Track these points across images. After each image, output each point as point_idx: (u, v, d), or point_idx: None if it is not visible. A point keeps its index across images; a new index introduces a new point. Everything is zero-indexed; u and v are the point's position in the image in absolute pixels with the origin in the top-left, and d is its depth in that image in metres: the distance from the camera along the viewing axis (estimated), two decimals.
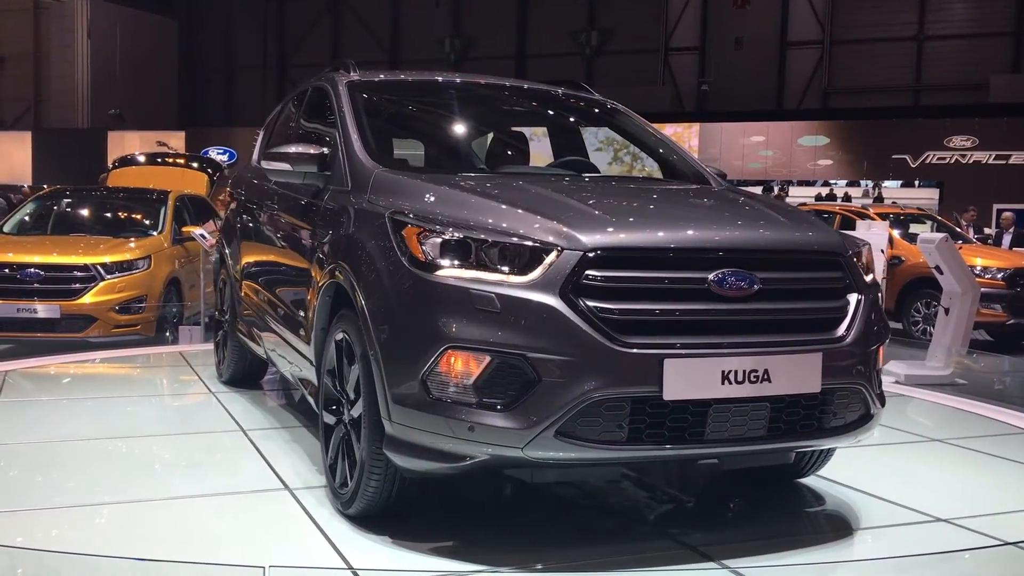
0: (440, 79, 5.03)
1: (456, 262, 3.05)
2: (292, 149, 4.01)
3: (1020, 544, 3.45)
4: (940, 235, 7.51)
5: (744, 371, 3.00)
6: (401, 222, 3.22)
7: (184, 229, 9.27)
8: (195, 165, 13.36)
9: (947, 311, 7.29)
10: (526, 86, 5.09)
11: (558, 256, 2.98)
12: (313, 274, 3.91)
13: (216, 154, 23.49)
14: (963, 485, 4.28)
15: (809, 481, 4.09)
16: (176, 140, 25.97)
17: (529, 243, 3.02)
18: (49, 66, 32.60)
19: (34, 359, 7.15)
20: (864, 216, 12.37)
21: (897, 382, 6.97)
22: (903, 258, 11.23)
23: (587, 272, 2.97)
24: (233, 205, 5.89)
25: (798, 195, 22.11)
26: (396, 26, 33.35)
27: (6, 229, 9.37)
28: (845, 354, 3.21)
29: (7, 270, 8.06)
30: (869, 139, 24.29)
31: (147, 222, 9.59)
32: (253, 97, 34.83)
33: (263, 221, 5.05)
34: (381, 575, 3.04)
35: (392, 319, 3.15)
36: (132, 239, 8.98)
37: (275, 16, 34.83)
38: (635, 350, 2.92)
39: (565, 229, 3.05)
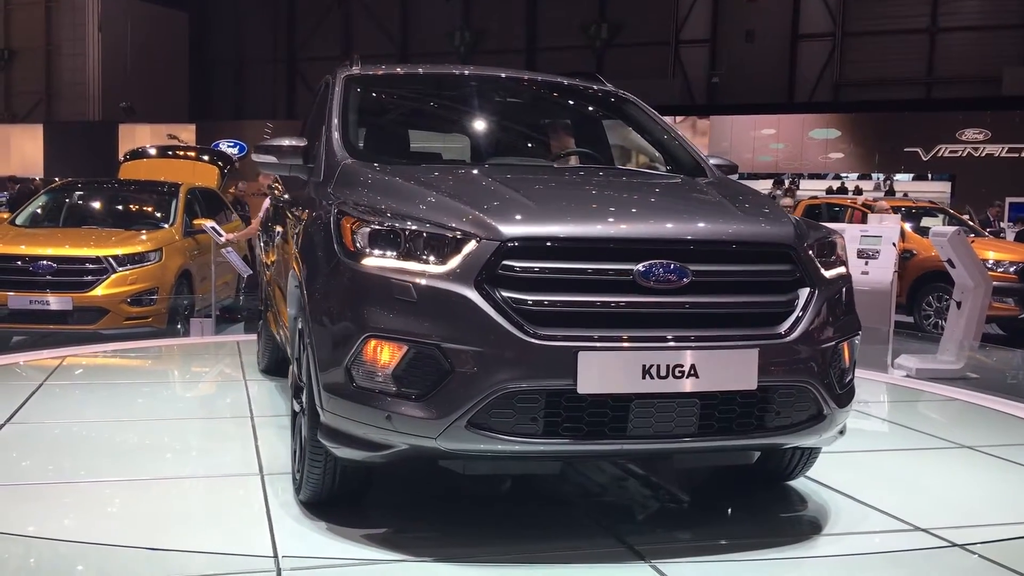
0: (438, 71, 5.02)
1: (382, 252, 3.07)
2: (279, 142, 4.06)
3: (968, 547, 3.32)
4: (952, 228, 7.47)
5: (668, 366, 2.91)
6: (343, 212, 3.25)
7: (195, 222, 9.30)
8: (206, 158, 13.38)
9: (959, 305, 7.26)
10: (529, 77, 5.05)
11: (476, 246, 2.97)
12: (292, 264, 4.01)
13: (227, 147, 23.55)
14: (968, 493, 4.06)
15: (799, 484, 3.99)
16: (187, 133, 26.03)
17: (449, 233, 3.02)
18: (60, 59, 32.65)
19: (90, 346, 7.37)
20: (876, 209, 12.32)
21: (908, 376, 6.95)
22: (915, 251, 11.19)
23: (504, 262, 2.95)
24: (273, 199, 6.07)
25: (809, 188, 22.05)
26: (406, 19, 33.31)
27: (19, 221, 9.42)
28: (789, 351, 3.07)
29: (19, 262, 8.10)
30: (881, 132, 24.19)
31: (158, 215, 9.63)
32: (263, 90, 34.89)
33: (280, 214, 5.17)
34: (302, 562, 3.07)
35: (324, 307, 3.20)
36: (144, 231, 9.02)
37: (285, 9, 34.83)
38: (548, 342, 2.87)
39: (485, 218, 3.04)
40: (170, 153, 13.49)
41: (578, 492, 3.98)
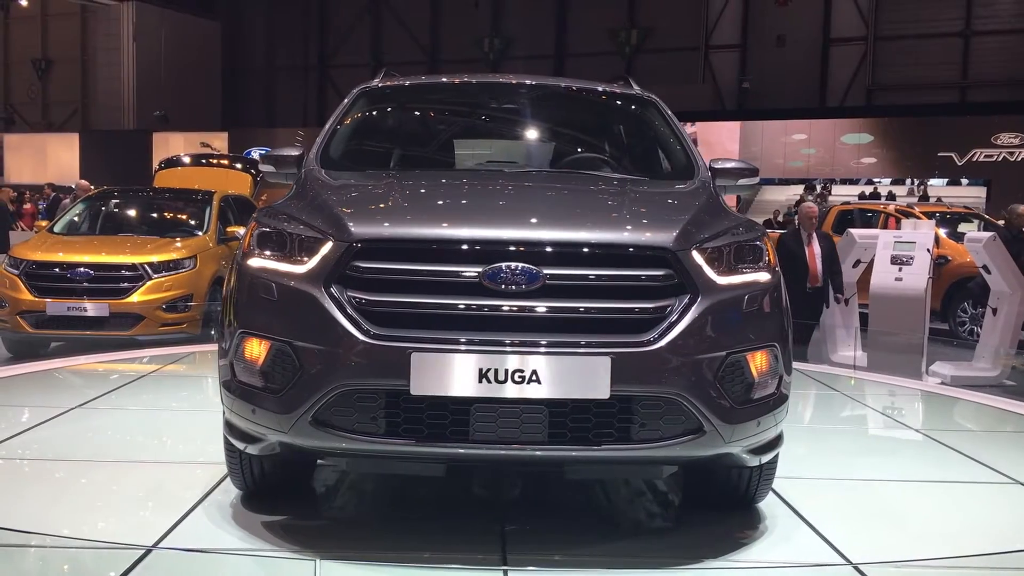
0: (445, 81, 5.01)
1: (263, 252, 3.24)
2: (279, 152, 4.14)
3: (860, 566, 3.20)
4: (988, 234, 7.39)
5: (507, 371, 2.88)
6: (256, 215, 3.44)
7: (229, 229, 9.39)
8: (238, 166, 13.52)
9: (995, 311, 7.19)
10: (536, 82, 4.88)
11: (331, 246, 3.07)
12: None
13: (258, 154, 23.74)
14: (962, 529, 3.70)
15: (767, 508, 3.77)
16: (219, 141, 26.30)
17: (313, 234, 3.13)
18: (96, 69, 33.13)
19: (126, 352, 7.66)
20: (910, 215, 12.21)
21: (943, 383, 6.88)
22: (950, 257, 11.07)
23: (353, 263, 3.02)
24: None
25: (841, 193, 21.87)
26: (436, 26, 33.45)
27: (56, 229, 9.56)
28: (654, 360, 2.94)
29: (57, 269, 8.22)
30: (914, 136, 23.94)
31: (192, 222, 9.72)
32: (294, 98, 35.17)
33: None
34: (173, 550, 3.18)
35: (223, 307, 3.40)
36: (178, 239, 9.12)
37: (316, 17, 35.12)
38: (383, 342, 2.92)
39: (343, 220, 3.13)
40: (203, 161, 13.64)
41: (512, 501, 3.95)
